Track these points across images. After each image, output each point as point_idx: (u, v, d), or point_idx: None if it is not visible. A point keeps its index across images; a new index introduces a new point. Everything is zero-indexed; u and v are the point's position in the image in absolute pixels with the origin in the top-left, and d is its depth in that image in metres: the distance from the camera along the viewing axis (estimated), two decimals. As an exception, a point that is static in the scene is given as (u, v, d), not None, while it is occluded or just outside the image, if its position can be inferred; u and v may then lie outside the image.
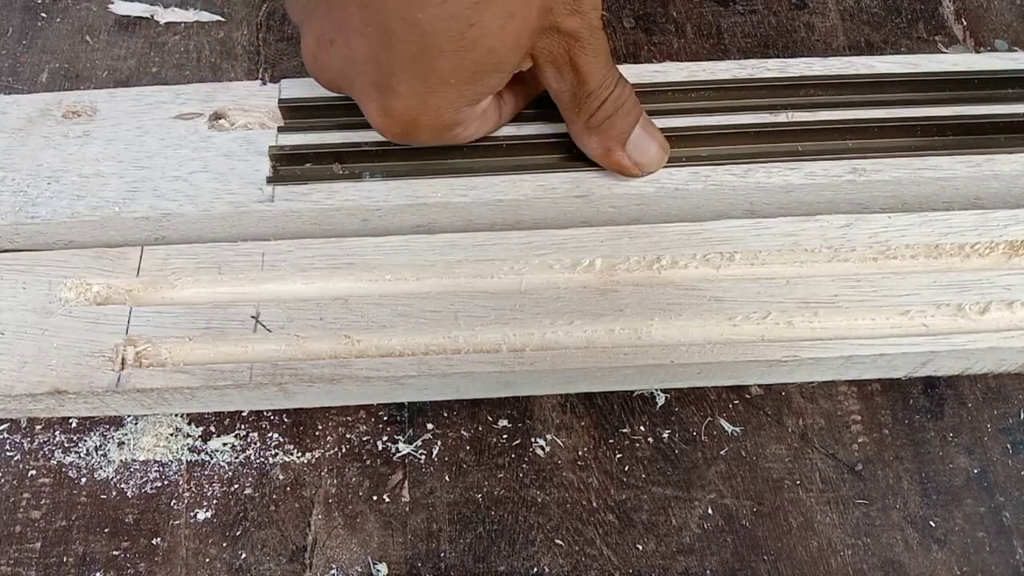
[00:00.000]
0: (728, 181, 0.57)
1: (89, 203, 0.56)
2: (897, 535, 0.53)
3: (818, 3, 0.75)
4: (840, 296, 0.53)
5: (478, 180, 0.57)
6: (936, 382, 0.58)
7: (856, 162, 0.58)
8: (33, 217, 0.55)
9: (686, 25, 0.74)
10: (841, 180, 0.57)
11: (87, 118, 0.59)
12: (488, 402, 0.57)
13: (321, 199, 0.56)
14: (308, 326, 0.52)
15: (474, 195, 0.56)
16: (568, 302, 0.53)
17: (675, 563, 0.52)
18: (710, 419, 0.56)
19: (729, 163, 0.58)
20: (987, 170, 0.58)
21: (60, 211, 0.55)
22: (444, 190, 0.57)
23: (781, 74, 0.61)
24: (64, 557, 0.51)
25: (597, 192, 0.57)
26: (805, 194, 0.58)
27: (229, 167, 0.57)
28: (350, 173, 0.57)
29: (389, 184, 0.57)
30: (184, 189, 0.56)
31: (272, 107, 0.60)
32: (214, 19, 0.73)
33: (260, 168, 0.57)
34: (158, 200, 0.56)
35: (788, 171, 0.57)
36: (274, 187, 0.56)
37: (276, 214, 0.56)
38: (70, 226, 0.56)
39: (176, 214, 0.55)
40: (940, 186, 0.58)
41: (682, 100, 0.60)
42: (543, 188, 0.57)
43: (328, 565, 0.52)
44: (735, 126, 0.59)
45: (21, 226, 0.55)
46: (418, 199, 0.56)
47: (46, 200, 0.56)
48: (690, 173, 0.57)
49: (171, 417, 0.55)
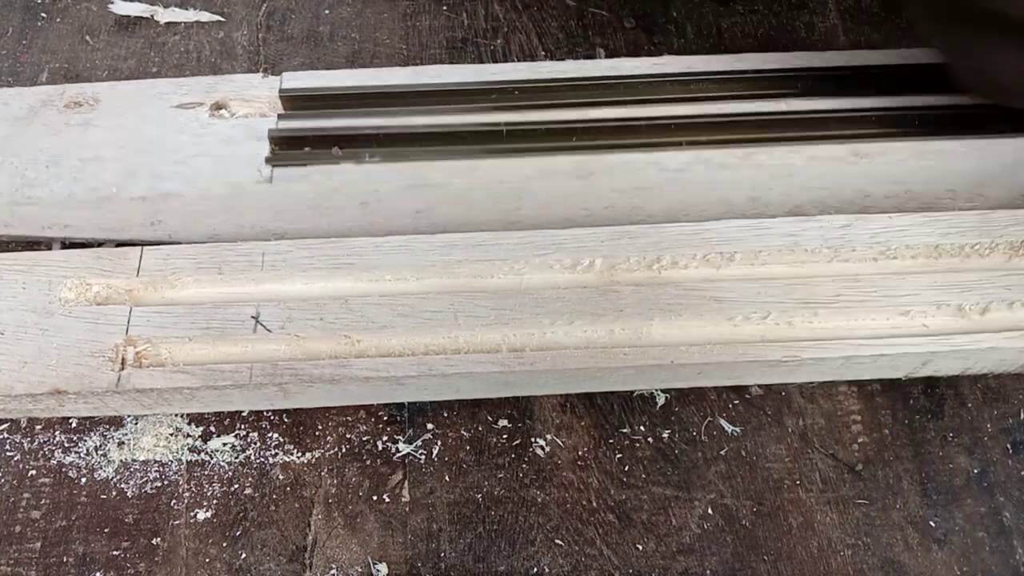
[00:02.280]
0: (730, 163, 0.57)
1: (87, 184, 0.56)
2: (897, 535, 0.53)
3: (818, 3, 0.75)
4: (840, 296, 0.53)
5: (479, 163, 0.57)
6: (936, 382, 0.58)
7: (857, 145, 0.58)
8: (30, 198, 0.55)
9: (686, 25, 0.74)
10: (843, 162, 0.57)
11: (89, 108, 0.59)
12: (488, 402, 0.57)
13: (320, 180, 0.56)
14: (308, 326, 0.52)
15: (475, 177, 0.56)
16: (568, 302, 0.53)
17: (675, 563, 0.52)
18: (710, 419, 0.56)
19: (731, 146, 0.58)
20: (990, 153, 0.58)
21: (57, 192, 0.55)
22: (444, 172, 0.56)
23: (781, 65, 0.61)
24: (64, 557, 0.51)
25: (598, 174, 0.56)
26: (807, 177, 0.58)
27: (229, 151, 0.57)
28: (350, 156, 0.57)
29: (389, 166, 0.56)
30: (183, 171, 0.56)
31: (273, 97, 0.60)
32: (214, 19, 0.73)
33: (260, 152, 0.57)
34: (156, 181, 0.56)
35: (789, 154, 0.57)
36: (273, 168, 0.56)
37: (274, 195, 0.56)
38: (66, 207, 0.55)
39: (174, 194, 0.55)
40: (943, 169, 0.58)
41: (682, 91, 0.60)
42: (544, 170, 0.57)
43: (328, 565, 0.52)
44: (735, 114, 0.59)
45: (17, 207, 0.55)
46: (418, 181, 0.56)
47: (44, 183, 0.56)
48: (692, 155, 0.57)
49: (171, 417, 0.55)
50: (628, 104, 0.60)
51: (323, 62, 0.71)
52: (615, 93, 0.61)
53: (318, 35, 0.73)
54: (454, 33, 0.73)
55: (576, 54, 0.72)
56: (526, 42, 0.73)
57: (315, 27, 0.74)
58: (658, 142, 0.58)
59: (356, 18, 0.74)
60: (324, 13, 0.74)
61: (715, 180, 0.57)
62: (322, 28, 0.74)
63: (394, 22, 0.74)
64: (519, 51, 0.72)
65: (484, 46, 0.73)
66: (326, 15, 0.74)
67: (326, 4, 0.75)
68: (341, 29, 0.74)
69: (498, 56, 0.72)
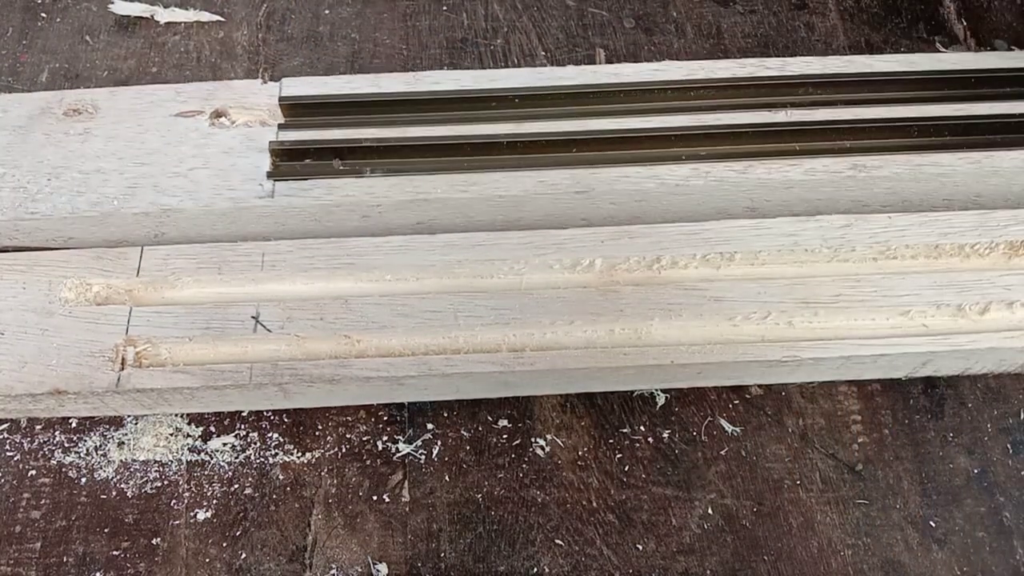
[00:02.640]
0: (728, 177, 0.57)
1: (89, 199, 0.56)
2: (897, 535, 0.53)
3: (818, 3, 0.75)
4: (840, 296, 0.53)
5: (479, 176, 0.57)
6: (936, 382, 0.58)
7: (856, 159, 0.58)
8: (33, 213, 0.55)
9: (686, 25, 0.74)
10: (841, 176, 0.57)
11: (88, 116, 0.59)
12: (488, 402, 0.57)
13: (321, 195, 0.56)
14: (308, 326, 0.52)
15: (474, 191, 0.56)
16: (568, 302, 0.53)
17: (675, 563, 0.52)
18: (710, 419, 0.56)
19: (729, 160, 0.58)
20: (987, 166, 0.58)
21: (60, 207, 0.55)
22: (444, 186, 0.57)
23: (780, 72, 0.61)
24: (64, 557, 0.51)
25: (597, 188, 0.57)
26: (806, 190, 0.58)
27: (229, 163, 0.57)
28: (351, 169, 0.57)
29: (390, 180, 0.57)
30: (184, 185, 0.56)
31: (273, 105, 0.60)
32: (214, 19, 0.73)
33: (260, 164, 0.57)
34: (158, 196, 0.56)
35: (788, 167, 0.57)
36: (274, 183, 0.56)
37: (276, 210, 0.56)
38: (70, 222, 0.56)
39: (176, 210, 0.55)
40: (940, 182, 0.58)
41: (682, 99, 0.60)
42: (543, 184, 0.57)
43: (328, 565, 0.52)
44: (734, 125, 0.59)
45: (21, 222, 0.55)
46: (418, 195, 0.56)
47: (46, 196, 0.56)
48: (690, 169, 0.57)
49: (171, 417, 0.55)
50: (627, 115, 0.60)
51: (323, 62, 0.71)
52: (615, 101, 0.61)
53: (318, 35, 0.73)
54: (454, 33, 0.73)
55: (576, 54, 0.72)
56: (526, 42, 0.73)
57: (315, 27, 0.74)
58: (657, 155, 0.58)
59: (356, 18, 0.74)
60: (324, 13, 0.74)
61: (713, 193, 0.57)
62: (322, 28, 0.74)
63: (394, 22, 0.74)
64: (519, 51, 0.72)
65: (484, 46, 0.73)
66: (326, 15, 0.74)
67: (326, 4, 0.75)
68: (341, 29, 0.74)
69: (498, 56, 0.72)
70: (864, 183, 0.57)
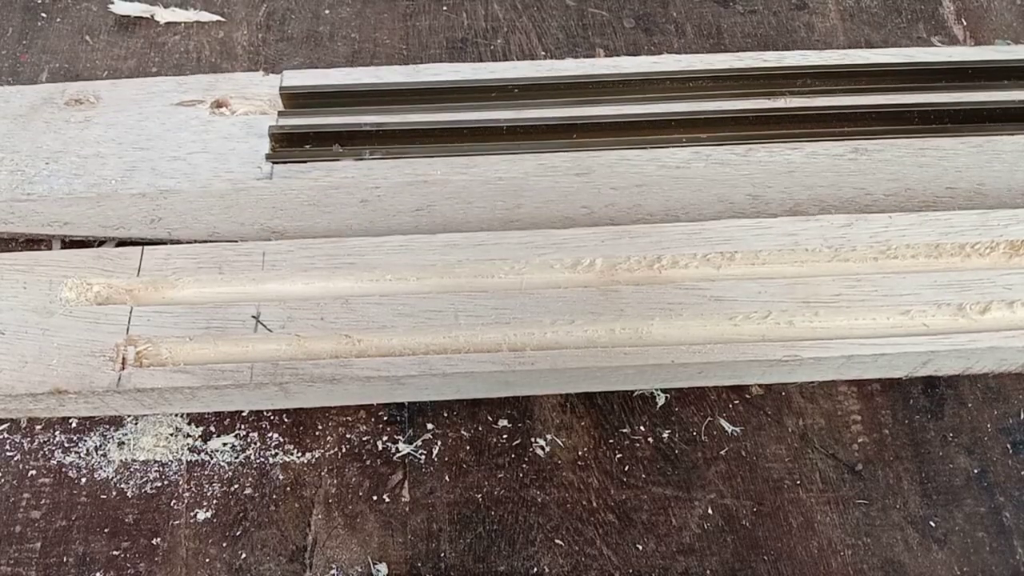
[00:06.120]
0: (730, 160, 0.57)
1: (87, 181, 0.56)
2: (897, 535, 0.53)
3: (818, 3, 0.75)
4: (841, 296, 0.53)
5: (479, 159, 0.57)
6: (936, 382, 0.58)
7: (858, 142, 0.58)
8: (29, 194, 0.55)
9: (686, 25, 0.74)
10: (843, 159, 0.57)
11: (89, 105, 0.59)
12: (488, 402, 0.57)
13: (320, 176, 0.56)
14: (308, 326, 0.52)
15: (474, 172, 0.56)
16: (568, 302, 0.53)
17: (675, 563, 0.52)
18: (710, 419, 0.56)
19: (731, 143, 0.58)
20: (988, 150, 0.58)
21: (57, 188, 0.55)
22: (444, 168, 0.57)
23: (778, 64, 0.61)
24: (64, 557, 0.51)
25: (597, 171, 0.57)
26: (807, 174, 0.58)
27: (229, 148, 0.57)
28: (350, 152, 0.57)
29: (389, 163, 0.57)
30: (182, 168, 0.56)
31: (274, 95, 0.60)
32: (214, 19, 0.73)
33: (260, 149, 0.57)
34: (156, 178, 0.56)
35: (790, 150, 0.57)
36: (273, 165, 0.56)
37: (275, 192, 0.56)
38: (66, 203, 0.56)
39: (174, 191, 0.55)
40: (943, 167, 0.58)
41: (681, 89, 0.60)
42: (543, 166, 0.57)
43: (328, 565, 0.52)
44: (735, 111, 0.59)
45: (17, 203, 0.55)
46: (418, 177, 0.56)
47: (43, 179, 0.56)
48: (691, 153, 0.57)
49: (171, 417, 0.55)
50: (628, 102, 0.60)
51: (323, 62, 0.71)
52: (615, 91, 0.61)
53: (318, 35, 0.73)
54: (454, 33, 0.73)
55: (576, 54, 0.72)
56: (526, 42, 0.73)
57: (315, 27, 0.74)
58: (658, 139, 0.58)
59: (356, 18, 0.74)
60: (324, 13, 0.74)
61: (715, 177, 0.57)
62: (322, 28, 0.74)
63: (394, 22, 0.74)
64: (519, 51, 0.72)
65: (484, 46, 0.73)
66: (326, 15, 0.74)
67: (326, 4, 0.75)
68: (341, 29, 0.74)
69: (498, 56, 0.72)
70: (866, 167, 0.57)
